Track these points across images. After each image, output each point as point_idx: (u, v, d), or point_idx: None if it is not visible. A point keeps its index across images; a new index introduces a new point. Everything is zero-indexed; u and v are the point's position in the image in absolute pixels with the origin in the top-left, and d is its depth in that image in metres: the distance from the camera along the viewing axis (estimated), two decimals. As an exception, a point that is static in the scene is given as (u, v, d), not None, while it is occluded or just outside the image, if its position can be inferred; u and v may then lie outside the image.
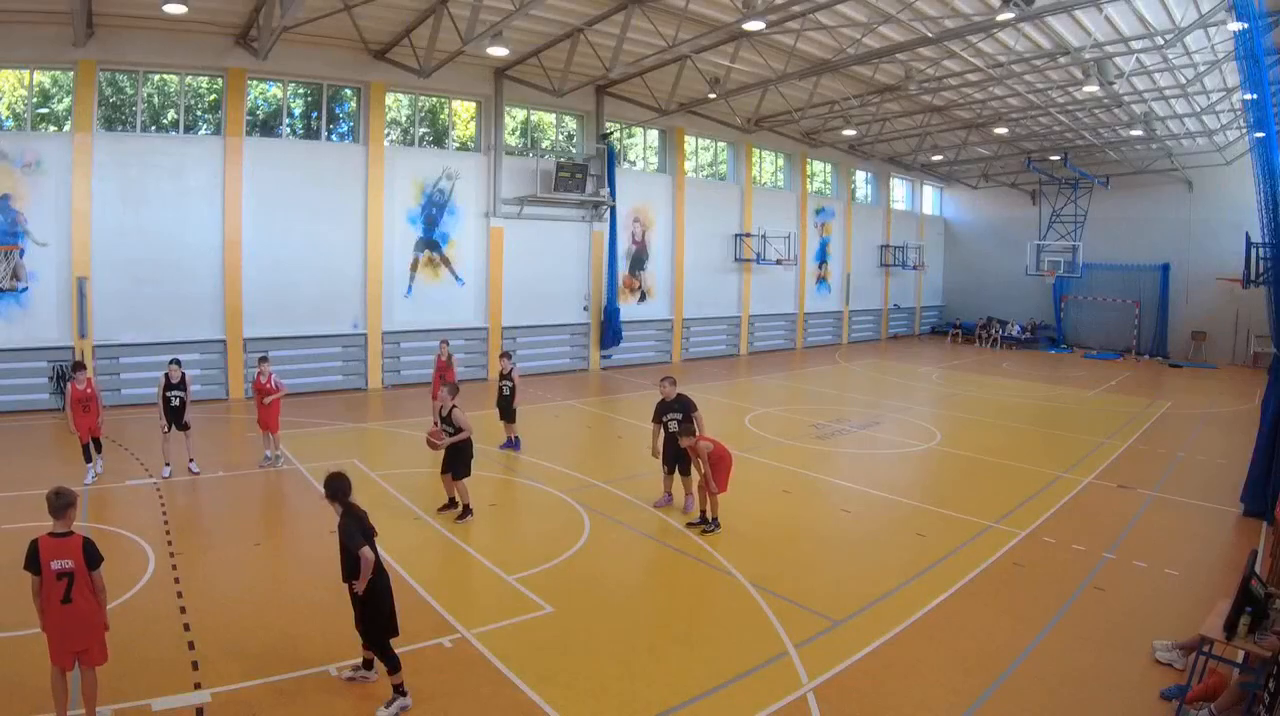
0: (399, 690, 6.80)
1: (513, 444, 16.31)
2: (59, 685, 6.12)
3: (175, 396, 13.71)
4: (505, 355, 16.78)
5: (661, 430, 12.49)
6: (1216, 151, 32.52)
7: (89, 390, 13.28)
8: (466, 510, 11.92)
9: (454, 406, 11.86)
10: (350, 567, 6.77)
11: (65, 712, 6.12)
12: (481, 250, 25.55)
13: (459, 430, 11.73)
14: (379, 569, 6.78)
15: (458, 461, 11.85)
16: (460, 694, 7.12)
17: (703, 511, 11.72)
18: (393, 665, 6.83)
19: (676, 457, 12.32)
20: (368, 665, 7.22)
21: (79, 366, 13.79)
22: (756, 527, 11.97)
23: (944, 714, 7.00)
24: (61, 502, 6.17)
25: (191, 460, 14.05)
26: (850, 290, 39.75)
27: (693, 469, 12.05)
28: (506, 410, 16.20)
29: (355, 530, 6.72)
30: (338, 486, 6.94)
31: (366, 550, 6.63)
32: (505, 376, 16.23)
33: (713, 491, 11.53)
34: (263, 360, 14.77)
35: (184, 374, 13.97)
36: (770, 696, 7.17)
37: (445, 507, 12.10)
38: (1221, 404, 24.65)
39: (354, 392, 22.72)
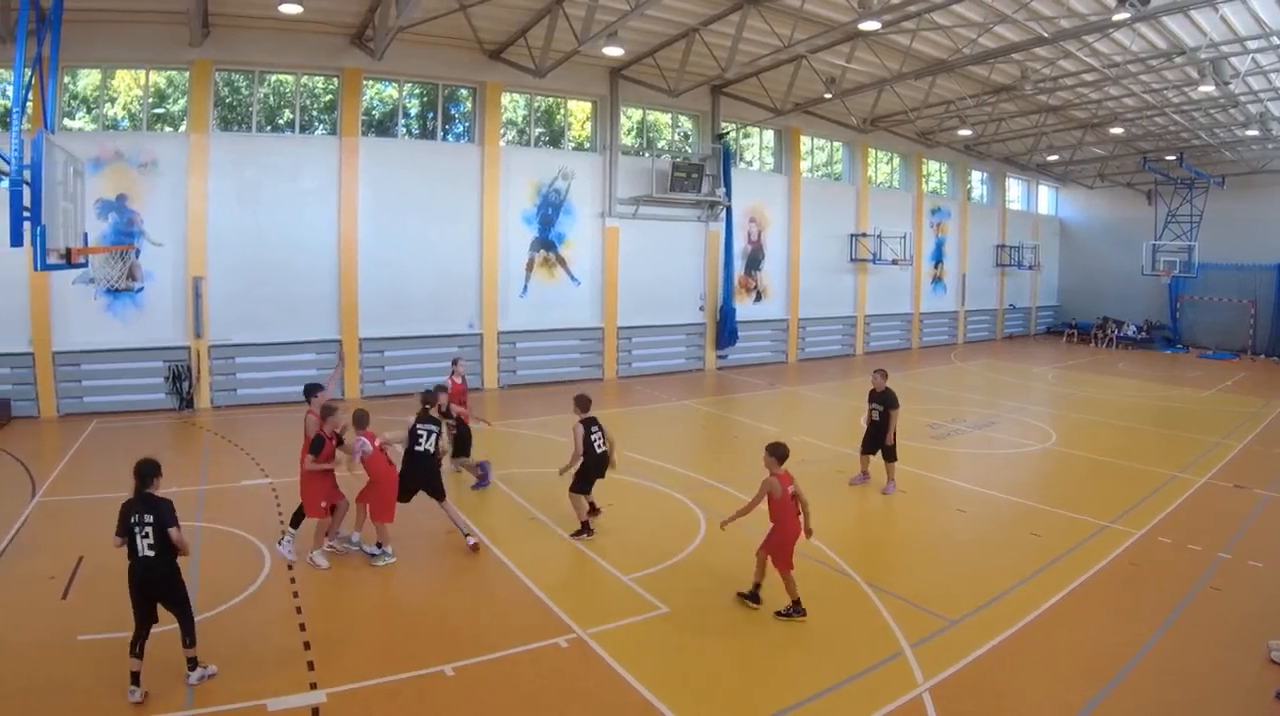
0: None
1: (483, 480, 13.60)
2: None
3: (426, 433, 10.60)
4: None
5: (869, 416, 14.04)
6: (1332, 151, 31.16)
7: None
8: (582, 528, 11.36)
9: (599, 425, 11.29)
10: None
11: None
12: (597, 250, 25.91)
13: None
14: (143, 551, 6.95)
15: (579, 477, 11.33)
16: (576, 694, 7.25)
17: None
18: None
19: (874, 441, 13.81)
20: None
21: (330, 410, 9.97)
22: (872, 527, 12.18)
23: (1060, 714, 7.03)
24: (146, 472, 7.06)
25: (469, 536, 10.68)
26: (966, 290, 39.09)
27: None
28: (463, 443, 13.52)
29: (122, 517, 6.95)
30: (145, 471, 7.09)
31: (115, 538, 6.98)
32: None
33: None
34: (351, 430, 10.38)
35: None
36: (886, 696, 7.21)
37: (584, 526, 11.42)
38: (1340, 404, 23.58)
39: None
